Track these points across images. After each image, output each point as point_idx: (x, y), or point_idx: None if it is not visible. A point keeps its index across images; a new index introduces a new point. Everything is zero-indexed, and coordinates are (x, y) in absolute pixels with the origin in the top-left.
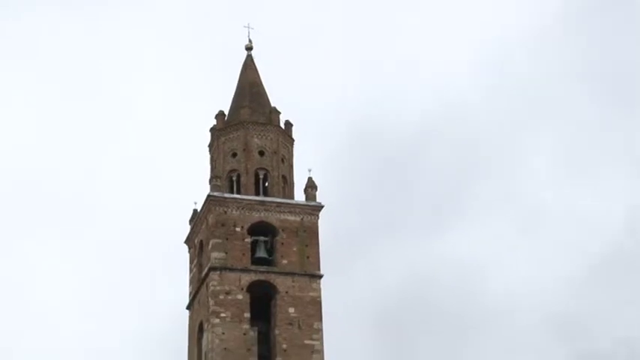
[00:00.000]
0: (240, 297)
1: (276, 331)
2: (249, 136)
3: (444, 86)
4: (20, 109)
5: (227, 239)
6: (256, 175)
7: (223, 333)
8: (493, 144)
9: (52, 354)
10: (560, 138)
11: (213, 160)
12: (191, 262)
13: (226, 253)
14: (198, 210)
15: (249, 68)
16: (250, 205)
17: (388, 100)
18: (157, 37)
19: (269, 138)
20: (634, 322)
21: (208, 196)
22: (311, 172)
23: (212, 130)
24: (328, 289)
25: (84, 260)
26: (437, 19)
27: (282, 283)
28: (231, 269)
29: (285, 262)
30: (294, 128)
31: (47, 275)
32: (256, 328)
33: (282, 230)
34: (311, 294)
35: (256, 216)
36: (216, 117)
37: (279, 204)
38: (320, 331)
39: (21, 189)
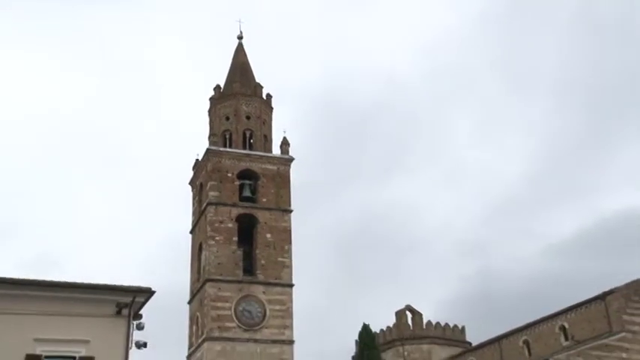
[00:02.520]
0: (230, 225)
1: (257, 251)
2: (239, 104)
3: (392, 68)
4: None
5: (221, 182)
6: (244, 134)
7: (217, 251)
8: (428, 114)
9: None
10: (478, 111)
11: (211, 122)
12: (193, 198)
13: (220, 192)
14: (200, 159)
15: (239, 53)
16: (239, 157)
17: (348, 79)
18: (171, 28)
19: (254, 106)
20: (522, 246)
21: (207, 149)
22: (285, 132)
23: (211, 99)
24: (297, 220)
25: (116, 196)
26: (388, 16)
27: (262, 215)
28: (224, 204)
29: (264, 200)
30: (273, 99)
31: (89, 206)
32: (242, 249)
33: (263, 176)
34: (283, 224)
35: (243, 165)
36: (214, 89)
37: (261, 156)
38: (289, 251)
39: (74, 142)
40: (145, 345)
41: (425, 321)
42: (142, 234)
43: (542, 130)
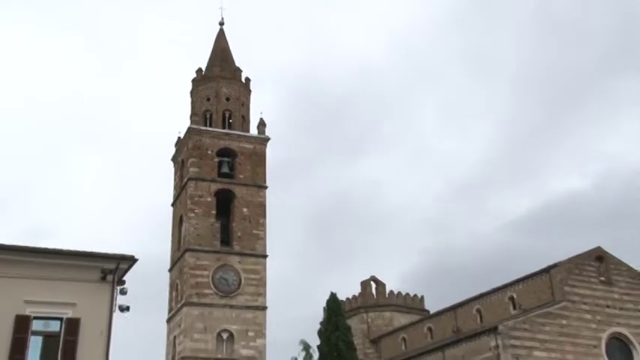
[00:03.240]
0: (209, 199)
1: (234, 224)
2: (219, 86)
3: (365, 56)
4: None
5: (201, 159)
6: (223, 115)
7: (197, 223)
8: (397, 100)
9: (79, 235)
10: (443, 98)
11: (193, 103)
12: (175, 173)
13: (200, 168)
14: (181, 137)
15: (221, 38)
16: (218, 136)
17: (324, 66)
18: (157, 11)
19: (233, 88)
20: (479, 223)
21: (189, 128)
22: (262, 114)
23: (193, 81)
24: (272, 196)
25: (106, 167)
26: (364, 8)
27: (239, 190)
28: (204, 180)
29: (241, 176)
30: (251, 83)
31: (79, 180)
32: (220, 221)
33: (241, 154)
34: (259, 199)
35: (222, 143)
36: (196, 72)
37: (239, 135)
38: (264, 225)
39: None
40: (127, 309)
41: (388, 291)
42: (127, 206)
43: (501, 118)
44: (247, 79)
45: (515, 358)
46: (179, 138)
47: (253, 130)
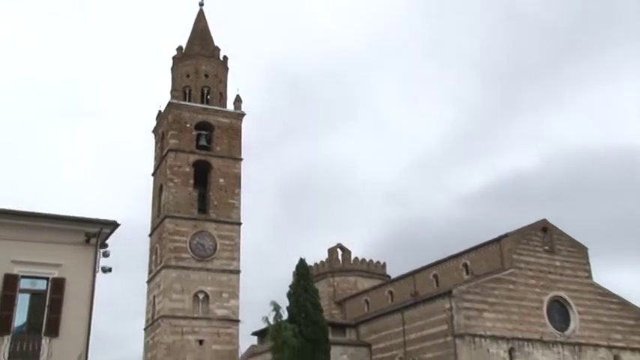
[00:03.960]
0: (187, 170)
1: (210, 193)
2: (198, 64)
3: (336, 41)
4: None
5: (180, 131)
6: (202, 91)
7: (176, 192)
8: (363, 81)
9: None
10: (403, 79)
11: (173, 79)
12: (156, 144)
13: (179, 140)
14: (162, 111)
15: (200, 17)
16: (197, 110)
17: (298, 50)
18: None
19: (212, 66)
20: (438, 197)
21: (169, 102)
22: (239, 91)
23: (174, 58)
24: (247, 168)
25: (89, 140)
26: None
27: (215, 162)
28: (183, 151)
29: (218, 148)
30: (229, 61)
31: (64, 147)
32: (197, 191)
33: (218, 128)
34: (234, 170)
35: (200, 117)
36: (177, 50)
37: (216, 110)
38: (239, 194)
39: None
40: (110, 270)
41: (352, 257)
42: (110, 175)
43: (458, 100)
44: (225, 58)
45: (467, 319)
46: (160, 112)
47: (230, 106)
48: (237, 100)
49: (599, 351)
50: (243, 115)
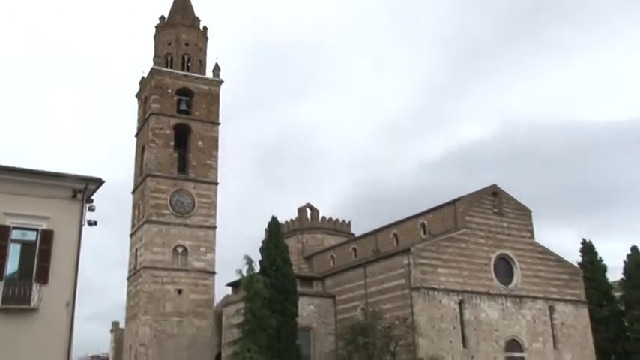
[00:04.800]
0: (168, 132)
1: (189, 155)
2: (179, 33)
3: (310, 15)
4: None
5: (162, 96)
6: (183, 58)
7: (157, 153)
8: (337, 52)
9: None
10: (371, 52)
11: (156, 47)
12: (139, 108)
13: (161, 105)
14: (145, 76)
15: None
16: (178, 77)
17: (274, 19)
18: None
19: (192, 35)
20: (401, 163)
21: (152, 68)
22: (217, 59)
23: (157, 27)
24: (224, 132)
25: (79, 97)
26: None
27: (195, 125)
28: (164, 115)
29: (197, 113)
30: (208, 31)
31: (57, 110)
32: (177, 152)
33: (197, 94)
34: (212, 134)
35: (181, 83)
36: (160, 19)
37: (196, 77)
38: (216, 156)
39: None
40: (95, 223)
41: (320, 216)
42: (97, 136)
43: (423, 73)
44: (205, 28)
45: (423, 274)
46: (143, 77)
47: (209, 73)
48: (216, 68)
49: (537, 302)
50: (221, 82)
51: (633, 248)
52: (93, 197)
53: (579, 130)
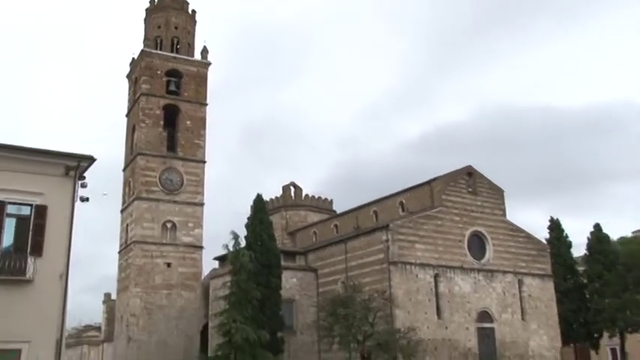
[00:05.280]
0: (158, 112)
1: (179, 134)
2: (169, 16)
3: (297, 1)
4: None
5: (152, 77)
6: (172, 41)
7: (147, 132)
8: (322, 36)
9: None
10: (357, 34)
11: (146, 29)
12: (130, 89)
13: (151, 86)
14: (135, 58)
15: None
16: (167, 58)
17: (263, 5)
18: None
19: (181, 18)
20: (381, 143)
21: (142, 50)
22: (206, 42)
23: (147, 10)
24: (211, 112)
25: (70, 77)
26: None
27: (183, 106)
28: (154, 96)
29: (186, 94)
30: (197, 15)
31: (51, 90)
32: (166, 131)
33: (186, 75)
34: (200, 114)
35: (170, 65)
36: (150, 2)
37: (185, 59)
38: (204, 136)
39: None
40: (87, 199)
41: (304, 194)
42: (89, 115)
43: (404, 57)
44: (193, 11)
45: (401, 249)
46: (133, 59)
47: (197, 56)
48: (204, 51)
49: (507, 276)
50: (209, 64)
51: (596, 226)
52: (85, 174)
53: (553, 114)
